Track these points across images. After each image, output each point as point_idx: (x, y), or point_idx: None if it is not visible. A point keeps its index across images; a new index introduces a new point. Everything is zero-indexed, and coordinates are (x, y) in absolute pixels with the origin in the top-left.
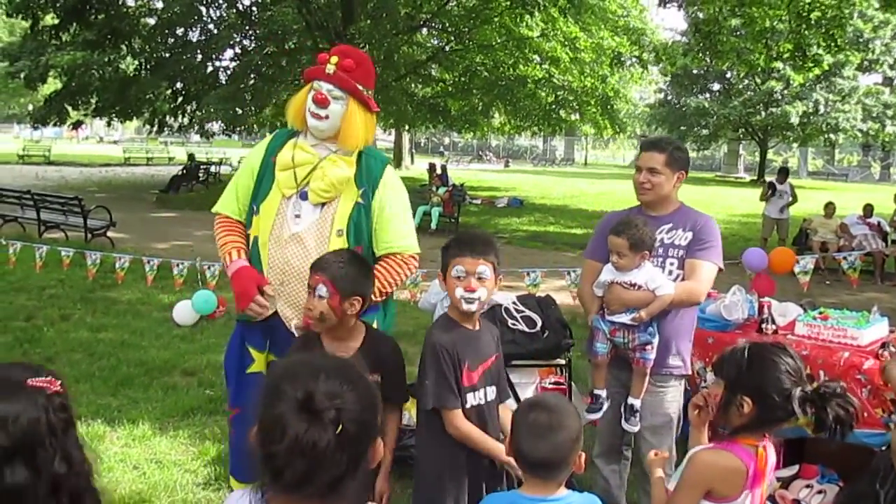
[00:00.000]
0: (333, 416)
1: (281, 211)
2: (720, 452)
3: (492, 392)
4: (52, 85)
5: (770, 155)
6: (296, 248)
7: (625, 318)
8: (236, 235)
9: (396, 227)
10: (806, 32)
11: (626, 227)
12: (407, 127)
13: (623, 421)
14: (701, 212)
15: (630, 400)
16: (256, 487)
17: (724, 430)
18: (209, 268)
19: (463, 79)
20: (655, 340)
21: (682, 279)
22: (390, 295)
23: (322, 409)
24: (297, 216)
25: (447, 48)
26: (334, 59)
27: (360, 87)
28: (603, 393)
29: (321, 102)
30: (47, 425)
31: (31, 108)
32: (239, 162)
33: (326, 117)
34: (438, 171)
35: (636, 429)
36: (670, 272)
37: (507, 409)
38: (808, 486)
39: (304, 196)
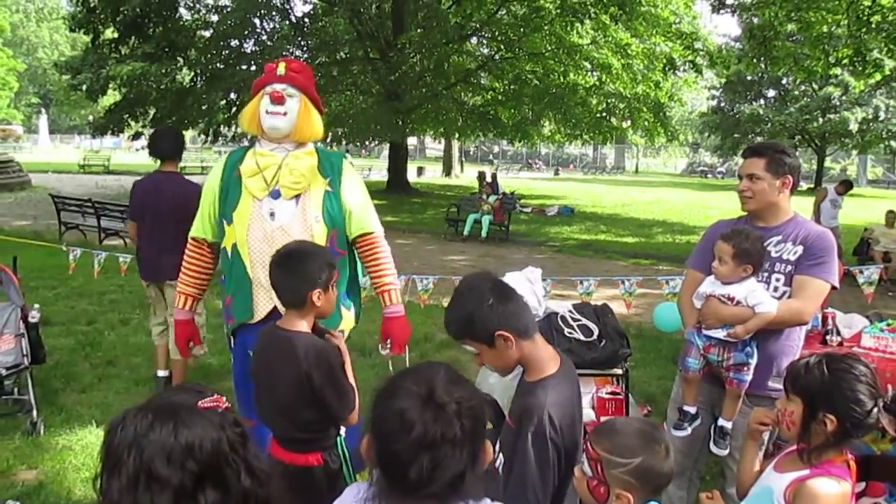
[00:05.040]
0: (456, 409)
1: (255, 213)
2: (833, 479)
3: None
4: (112, 97)
5: (828, 162)
6: (283, 240)
7: (720, 334)
8: (194, 275)
9: (367, 213)
10: (866, 37)
11: (737, 234)
12: (456, 135)
13: (711, 443)
14: (811, 222)
15: (721, 422)
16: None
17: (781, 443)
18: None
19: (513, 87)
20: (753, 361)
21: (789, 297)
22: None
23: (445, 403)
24: (272, 214)
25: (497, 56)
26: (282, 64)
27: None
28: (692, 410)
29: (278, 100)
30: (228, 443)
31: (91, 118)
32: None
33: (284, 114)
34: (489, 179)
35: (724, 452)
36: (776, 289)
37: None
38: None
39: (276, 195)
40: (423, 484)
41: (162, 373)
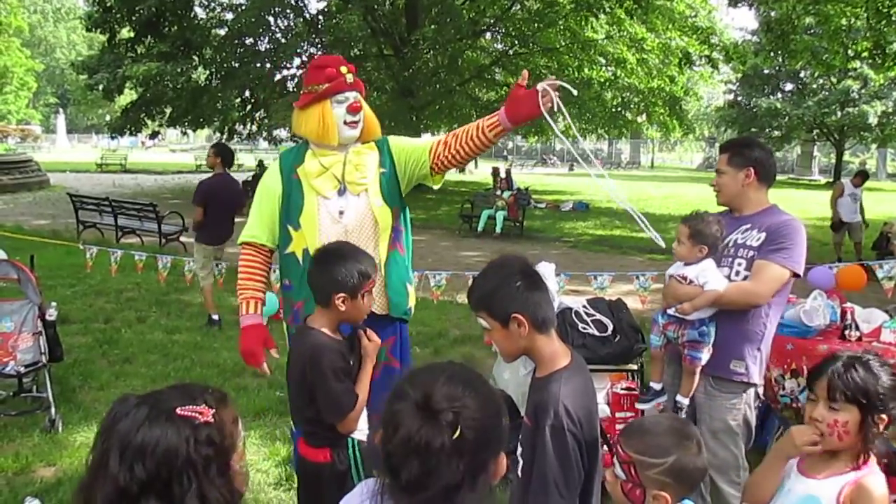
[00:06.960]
0: (451, 419)
1: (323, 214)
2: (879, 475)
3: None
4: (129, 96)
5: (846, 156)
6: (356, 235)
7: (672, 311)
8: (257, 280)
9: (416, 141)
10: (886, 29)
11: (695, 217)
12: None
13: None
14: (786, 213)
15: (678, 397)
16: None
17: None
18: (274, 271)
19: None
20: (708, 340)
21: None
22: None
23: (439, 410)
24: (342, 212)
25: (511, 52)
26: (344, 68)
27: None
28: (657, 386)
29: (357, 110)
30: (186, 458)
31: (108, 118)
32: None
33: (360, 122)
34: (503, 174)
35: None
36: (737, 272)
37: None
38: None
39: (342, 191)
40: (414, 488)
41: (215, 316)
